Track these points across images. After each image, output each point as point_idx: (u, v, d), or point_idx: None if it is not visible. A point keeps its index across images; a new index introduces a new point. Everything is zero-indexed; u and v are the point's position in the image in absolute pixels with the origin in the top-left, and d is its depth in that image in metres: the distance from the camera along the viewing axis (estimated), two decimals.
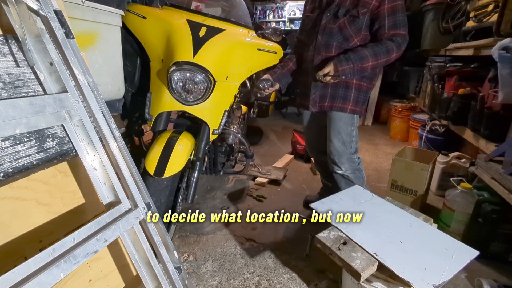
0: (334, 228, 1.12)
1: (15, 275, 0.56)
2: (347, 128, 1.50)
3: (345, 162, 1.54)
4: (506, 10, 1.53)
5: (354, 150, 1.55)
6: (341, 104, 1.46)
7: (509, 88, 1.40)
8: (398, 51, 1.31)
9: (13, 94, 0.72)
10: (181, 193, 1.45)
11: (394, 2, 1.29)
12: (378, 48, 1.31)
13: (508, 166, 1.33)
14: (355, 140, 1.54)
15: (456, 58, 2.50)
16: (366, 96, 1.50)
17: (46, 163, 0.78)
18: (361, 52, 1.32)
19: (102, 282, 0.90)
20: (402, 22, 1.30)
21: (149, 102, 1.37)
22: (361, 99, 1.48)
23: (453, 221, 1.59)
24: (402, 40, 1.31)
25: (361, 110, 1.50)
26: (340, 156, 1.53)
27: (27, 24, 0.71)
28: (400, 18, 1.30)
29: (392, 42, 1.30)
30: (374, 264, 0.96)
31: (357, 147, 1.58)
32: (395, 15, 1.29)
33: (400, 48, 1.32)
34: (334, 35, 1.38)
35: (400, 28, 1.31)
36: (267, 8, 6.76)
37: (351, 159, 1.55)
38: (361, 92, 1.47)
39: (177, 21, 1.38)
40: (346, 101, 1.46)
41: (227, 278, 1.37)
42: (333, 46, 1.40)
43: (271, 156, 2.88)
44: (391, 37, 1.31)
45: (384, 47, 1.30)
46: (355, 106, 1.47)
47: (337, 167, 1.56)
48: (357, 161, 1.60)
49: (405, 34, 1.32)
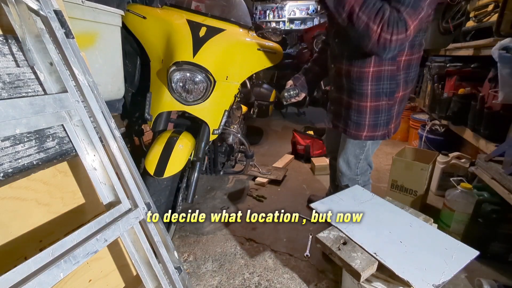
0: (334, 228, 1.12)
1: (15, 275, 0.56)
2: (355, 151, 1.35)
3: (347, 182, 1.45)
4: (506, 10, 1.53)
5: (360, 172, 1.41)
6: (354, 131, 1.26)
7: (509, 88, 1.40)
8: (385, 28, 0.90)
9: (13, 94, 0.72)
10: (181, 193, 1.45)
11: None
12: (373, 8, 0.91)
13: (508, 166, 1.33)
14: (364, 163, 1.39)
15: (456, 58, 2.50)
16: (390, 115, 1.22)
17: (46, 163, 0.78)
18: None
19: (102, 282, 0.90)
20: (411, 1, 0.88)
21: (149, 102, 1.37)
22: (383, 121, 1.22)
23: (453, 221, 1.59)
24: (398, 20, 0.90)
25: (384, 133, 1.25)
26: (342, 175, 1.44)
27: (27, 24, 0.71)
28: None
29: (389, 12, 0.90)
30: (374, 264, 0.96)
31: (367, 169, 1.44)
32: None
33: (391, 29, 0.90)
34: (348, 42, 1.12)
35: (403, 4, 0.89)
36: (267, 8, 6.76)
37: (354, 180, 1.43)
38: (381, 114, 1.20)
39: (177, 21, 1.38)
40: (360, 127, 1.24)
41: (227, 278, 1.37)
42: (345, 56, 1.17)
43: (271, 156, 2.88)
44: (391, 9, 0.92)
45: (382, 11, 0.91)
46: (373, 132, 1.24)
47: (340, 182, 1.49)
48: (362, 183, 1.44)
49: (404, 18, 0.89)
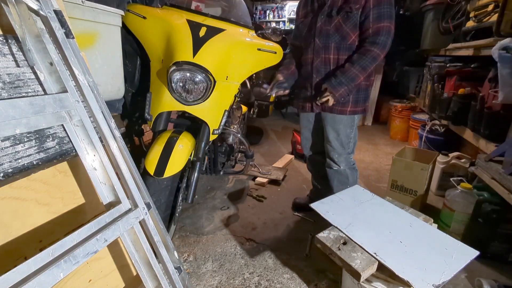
0: (334, 228, 1.12)
1: (15, 275, 0.56)
2: (346, 130, 1.52)
3: (343, 161, 1.58)
4: (506, 10, 1.53)
5: (351, 151, 1.59)
6: (340, 107, 1.48)
7: (509, 88, 1.40)
8: (383, 50, 1.33)
9: (13, 94, 0.72)
10: (181, 193, 1.45)
11: None
12: (364, 61, 1.33)
13: (508, 166, 1.33)
14: (353, 142, 1.57)
15: (456, 58, 2.50)
16: (367, 94, 1.51)
17: (46, 163, 0.78)
18: (350, 71, 1.34)
19: (102, 282, 0.90)
20: (387, 14, 1.30)
21: (149, 102, 1.37)
22: (361, 98, 1.49)
23: (453, 221, 1.59)
24: (387, 36, 1.31)
25: (362, 109, 1.52)
26: (338, 155, 1.57)
27: (27, 24, 0.71)
28: (385, 10, 1.30)
29: (376, 46, 1.31)
30: (374, 264, 0.96)
31: (354, 148, 1.61)
32: (380, 6, 1.30)
33: (385, 47, 1.32)
34: (331, 36, 1.40)
35: (384, 20, 1.30)
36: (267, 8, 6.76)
37: (348, 158, 1.59)
38: (360, 92, 1.48)
39: (177, 21, 1.38)
40: (345, 104, 1.47)
41: (227, 278, 1.37)
42: (332, 48, 1.41)
43: (271, 156, 2.88)
44: (374, 37, 1.32)
45: (370, 57, 1.32)
46: (355, 107, 1.49)
47: (334, 164, 1.60)
48: (353, 161, 1.63)
49: (389, 26, 1.31)
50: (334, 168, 1.60)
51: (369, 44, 1.33)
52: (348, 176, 1.60)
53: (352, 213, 1.19)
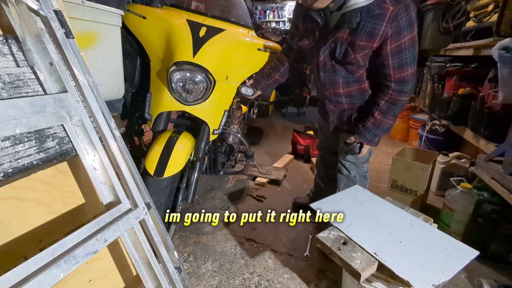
0: (334, 228, 1.12)
1: (15, 275, 0.56)
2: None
3: (355, 169, 1.51)
4: (506, 10, 1.53)
5: (364, 160, 1.50)
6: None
7: (509, 88, 1.40)
8: (410, 95, 1.23)
9: (13, 94, 0.72)
10: (181, 193, 1.45)
11: (399, 40, 1.09)
12: (395, 110, 1.23)
13: (508, 166, 1.33)
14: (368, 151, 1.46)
15: (456, 58, 2.50)
16: None
17: (46, 163, 0.78)
18: (384, 123, 1.26)
19: (102, 282, 0.90)
20: (410, 60, 1.14)
21: (149, 102, 1.37)
22: None
23: (453, 221, 1.59)
24: (411, 82, 1.19)
25: None
26: (350, 164, 1.50)
27: (27, 24, 0.71)
28: (407, 56, 1.13)
29: (404, 95, 1.20)
30: (374, 264, 0.96)
31: (369, 157, 1.52)
32: (400, 54, 1.13)
33: (412, 92, 1.22)
34: (338, 71, 1.26)
35: (408, 67, 1.15)
36: (267, 8, 6.76)
37: (361, 167, 1.52)
38: None
39: (177, 21, 1.38)
40: None
41: (227, 278, 1.37)
42: (339, 83, 1.29)
43: (271, 156, 2.88)
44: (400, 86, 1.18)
45: (399, 105, 1.23)
46: None
47: (345, 170, 1.53)
48: (366, 169, 1.56)
49: (412, 73, 1.17)
50: (344, 174, 1.54)
51: (396, 93, 1.19)
52: (356, 183, 1.53)
53: (352, 213, 1.19)
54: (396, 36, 1.09)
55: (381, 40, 1.10)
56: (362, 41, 1.11)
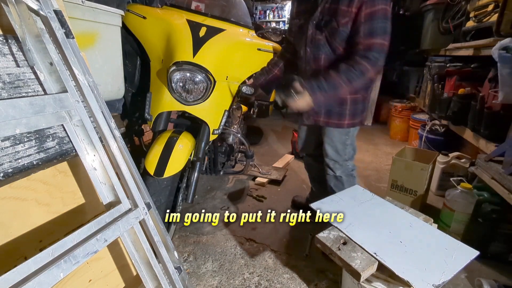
0: (334, 228, 1.12)
1: (15, 275, 0.56)
2: (342, 137, 1.45)
3: (339, 168, 1.51)
4: (506, 10, 1.53)
5: (348, 157, 1.50)
6: (337, 120, 1.40)
7: (509, 88, 1.40)
8: (375, 68, 1.18)
9: (13, 94, 0.72)
10: (181, 193, 1.45)
11: (373, 7, 1.15)
12: (351, 73, 1.18)
13: (508, 166, 1.33)
14: (350, 148, 1.49)
15: (456, 58, 2.50)
16: (364, 105, 1.43)
17: (46, 163, 0.78)
18: (334, 80, 1.20)
19: (102, 282, 0.90)
20: (380, 29, 1.16)
21: (149, 102, 1.37)
22: (359, 110, 1.41)
23: (453, 221, 1.59)
24: (379, 53, 1.17)
25: (360, 120, 1.43)
26: (334, 162, 1.50)
27: (27, 24, 0.71)
28: (378, 24, 1.16)
29: (367, 60, 1.17)
30: (374, 264, 0.96)
31: (353, 154, 1.53)
32: (372, 21, 1.16)
33: (378, 64, 1.18)
34: (322, 47, 1.29)
35: (377, 36, 1.16)
36: (267, 8, 6.75)
37: (345, 165, 1.51)
38: (358, 104, 1.39)
39: (177, 21, 1.38)
40: (342, 117, 1.39)
41: (227, 278, 1.37)
42: (322, 59, 1.32)
43: (271, 156, 2.88)
44: (366, 52, 1.17)
45: (358, 70, 1.18)
46: (352, 120, 1.40)
47: (330, 170, 1.54)
48: (351, 167, 1.54)
49: (382, 44, 1.17)
50: (330, 174, 1.55)
51: (360, 57, 1.18)
52: (344, 183, 1.53)
53: (352, 213, 1.19)
54: (370, 2, 1.16)
55: (358, 5, 1.17)
56: (343, 6, 1.19)
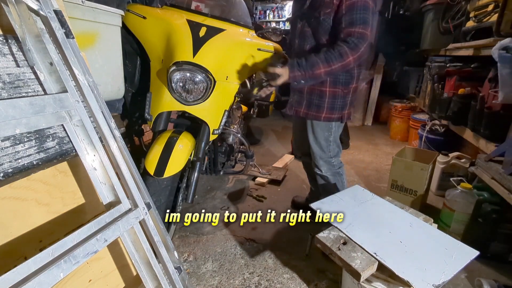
0: (334, 228, 1.12)
1: (15, 275, 0.56)
2: (324, 134, 1.48)
3: (324, 165, 1.54)
4: (506, 10, 1.53)
5: (333, 154, 1.53)
6: (315, 112, 1.44)
7: (509, 88, 1.40)
8: (353, 52, 1.21)
9: (13, 94, 0.72)
10: (181, 193, 1.45)
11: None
12: (330, 53, 1.22)
13: (508, 166, 1.33)
14: (334, 145, 1.51)
15: (456, 58, 2.50)
16: (345, 101, 1.44)
17: (46, 163, 0.78)
18: (312, 58, 1.24)
19: (102, 282, 0.90)
20: (360, 20, 1.21)
21: (149, 102, 1.37)
22: (338, 106, 1.43)
23: (453, 221, 1.59)
24: (358, 39, 1.21)
25: (339, 116, 1.45)
26: (318, 159, 1.53)
27: (27, 24, 0.71)
28: (358, 15, 1.21)
29: (346, 44, 1.21)
30: (374, 264, 0.96)
31: (338, 151, 1.55)
32: (352, 11, 1.21)
33: (357, 49, 1.21)
34: (308, 39, 1.37)
35: (357, 26, 1.21)
36: (267, 8, 6.75)
37: (330, 162, 1.54)
38: (337, 99, 1.41)
39: (177, 21, 1.38)
40: (320, 109, 1.43)
41: (227, 278, 1.37)
42: (307, 51, 1.37)
43: (271, 156, 2.88)
44: (345, 37, 1.23)
45: (337, 51, 1.21)
46: (330, 114, 1.43)
47: (317, 169, 1.58)
48: (337, 165, 1.57)
49: (362, 32, 1.21)
50: (318, 173, 1.58)
51: (340, 41, 1.24)
52: (330, 181, 1.56)
53: (352, 213, 1.19)
54: None
55: None
56: None
